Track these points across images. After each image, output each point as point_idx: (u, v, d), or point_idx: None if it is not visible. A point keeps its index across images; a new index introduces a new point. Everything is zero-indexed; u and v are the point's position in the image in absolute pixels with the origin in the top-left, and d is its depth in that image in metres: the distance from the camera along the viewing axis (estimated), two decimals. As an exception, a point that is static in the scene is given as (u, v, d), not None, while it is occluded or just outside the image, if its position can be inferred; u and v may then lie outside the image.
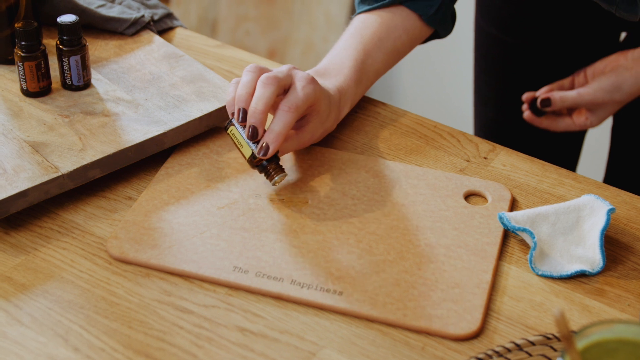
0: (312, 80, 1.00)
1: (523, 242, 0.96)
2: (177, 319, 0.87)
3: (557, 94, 1.19)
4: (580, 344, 0.70)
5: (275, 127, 0.97)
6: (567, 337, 0.68)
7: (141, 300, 0.89)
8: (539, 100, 1.20)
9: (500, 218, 0.96)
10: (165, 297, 0.89)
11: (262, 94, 0.97)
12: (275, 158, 0.99)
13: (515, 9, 1.33)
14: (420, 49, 1.22)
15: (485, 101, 1.44)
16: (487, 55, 1.41)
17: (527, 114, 1.23)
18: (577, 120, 1.21)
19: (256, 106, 0.97)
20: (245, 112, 0.98)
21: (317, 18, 2.45)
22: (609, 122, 1.35)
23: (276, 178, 0.99)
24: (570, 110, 1.22)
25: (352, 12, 2.38)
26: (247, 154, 0.98)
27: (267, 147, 0.97)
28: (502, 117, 1.42)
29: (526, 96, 1.23)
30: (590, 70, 1.19)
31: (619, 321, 0.71)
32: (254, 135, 0.97)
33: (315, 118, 1.03)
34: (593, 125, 1.20)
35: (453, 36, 1.21)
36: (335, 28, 2.44)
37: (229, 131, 1.00)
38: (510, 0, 1.33)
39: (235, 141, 0.99)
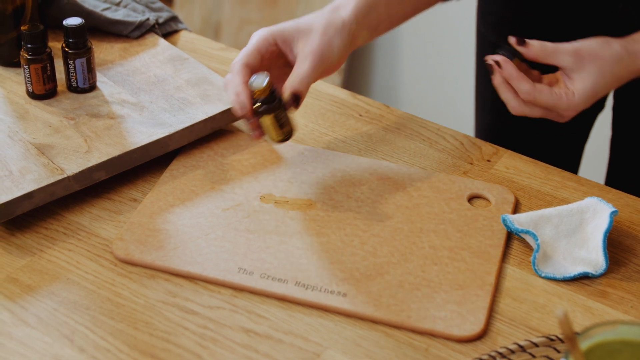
0: (257, 33, 1.02)
1: (526, 245, 0.97)
2: (182, 320, 0.88)
3: (537, 41, 1.04)
4: (584, 345, 0.71)
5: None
6: (570, 338, 0.68)
7: (146, 302, 0.89)
8: (514, 40, 1.02)
9: (504, 220, 0.97)
10: (170, 299, 0.90)
11: (229, 96, 1.00)
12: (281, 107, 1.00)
13: (513, 15, 1.33)
14: (423, 53, 1.22)
15: (485, 105, 1.44)
16: (487, 59, 1.40)
17: (497, 78, 1.03)
18: (556, 91, 1.01)
19: (235, 108, 0.99)
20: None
21: (320, 21, 2.45)
22: (607, 131, 1.35)
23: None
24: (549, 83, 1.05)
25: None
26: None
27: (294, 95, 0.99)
28: (501, 122, 1.42)
29: (491, 58, 1.04)
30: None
31: (622, 322, 0.72)
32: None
33: (304, 42, 1.02)
34: (572, 103, 1.02)
35: (456, 41, 1.22)
36: (339, 31, 2.43)
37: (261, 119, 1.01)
38: (509, 6, 1.34)
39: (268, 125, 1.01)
